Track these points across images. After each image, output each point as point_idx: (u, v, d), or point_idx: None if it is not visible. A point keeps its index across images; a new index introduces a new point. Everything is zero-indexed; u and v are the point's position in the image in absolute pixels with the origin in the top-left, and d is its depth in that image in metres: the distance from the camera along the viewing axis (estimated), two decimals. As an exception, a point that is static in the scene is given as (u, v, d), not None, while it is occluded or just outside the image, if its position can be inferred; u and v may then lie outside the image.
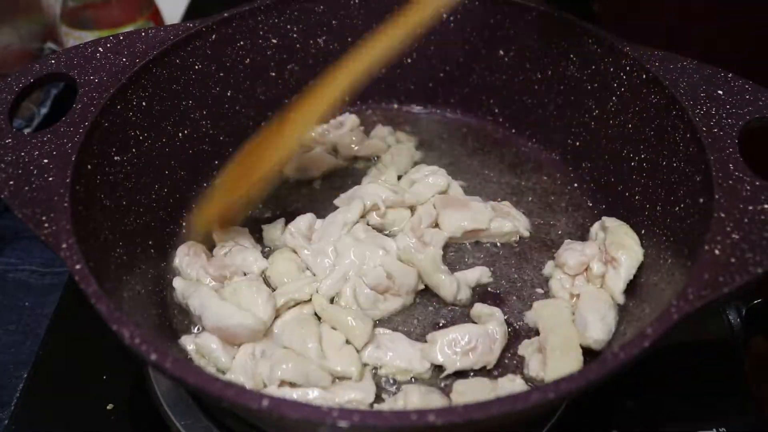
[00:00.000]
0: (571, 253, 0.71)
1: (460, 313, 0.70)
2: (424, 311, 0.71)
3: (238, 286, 0.67)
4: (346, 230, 0.73)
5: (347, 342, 0.66)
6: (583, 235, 0.77)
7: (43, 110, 1.02)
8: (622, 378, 0.51)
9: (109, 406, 0.70)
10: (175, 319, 0.70)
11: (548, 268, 0.74)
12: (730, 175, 0.60)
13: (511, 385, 0.63)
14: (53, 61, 0.72)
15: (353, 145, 0.86)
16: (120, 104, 0.71)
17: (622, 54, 0.74)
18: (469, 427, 0.47)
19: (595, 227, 0.76)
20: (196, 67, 0.79)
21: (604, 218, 0.75)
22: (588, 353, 0.65)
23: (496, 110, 0.90)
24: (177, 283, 0.71)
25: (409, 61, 0.90)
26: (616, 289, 0.68)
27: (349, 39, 0.88)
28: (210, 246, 0.75)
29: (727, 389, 0.72)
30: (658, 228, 0.69)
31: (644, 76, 0.72)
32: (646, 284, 0.68)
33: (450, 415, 0.46)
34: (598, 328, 0.65)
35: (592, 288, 0.69)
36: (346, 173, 0.85)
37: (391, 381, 0.65)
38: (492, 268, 0.74)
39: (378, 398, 0.63)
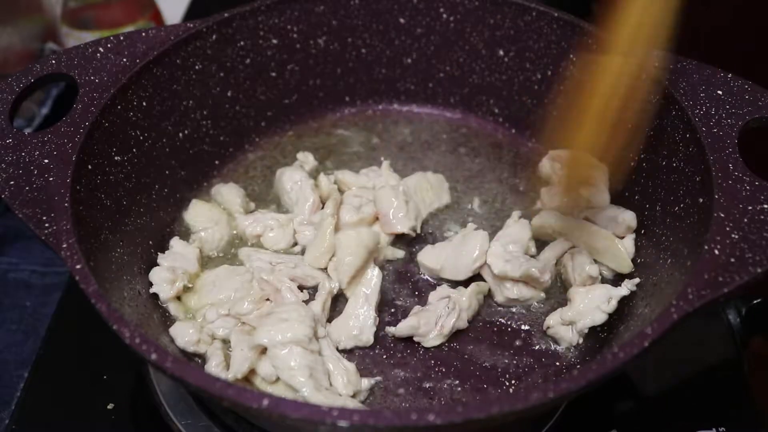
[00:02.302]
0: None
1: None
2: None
3: None
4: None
5: None
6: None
7: (44, 110, 1.02)
8: (622, 378, 0.51)
9: (110, 406, 0.70)
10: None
11: None
12: (729, 175, 0.60)
13: None
14: (54, 62, 0.72)
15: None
16: (120, 104, 0.71)
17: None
18: (468, 427, 0.47)
19: (545, 164, 0.82)
20: (197, 67, 0.79)
21: (551, 152, 0.82)
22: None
23: (496, 110, 0.90)
24: None
25: (409, 61, 0.90)
26: (602, 200, 0.75)
27: (349, 39, 0.88)
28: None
29: (727, 389, 0.72)
30: (658, 228, 0.69)
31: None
32: (646, 284, 0.68)
33: (450, 414, 0.46)
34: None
35: None
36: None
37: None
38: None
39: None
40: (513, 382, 0.66)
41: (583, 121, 0.64)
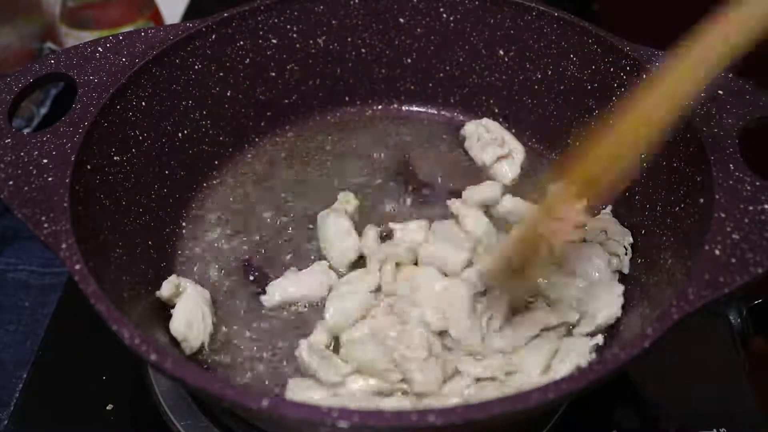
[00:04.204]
0: None
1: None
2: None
3: None
4: None
5: None
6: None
7: (43, 110, 1.02)
8: (623, 378, 0.51)
9: (109, 406, 0.70)
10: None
11: None
12: (730, 175, 0.60)
13: None
14: (53, 61, 0.72)
15: None
16: (120, 104, 0.71)
17: (622, 54, 0.74)
18: (469, 428, 0.47)
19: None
20: (196, 67, 0.79)
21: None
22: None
23: (496, 110, 0.90)
24: None
25: (409, 61, 0.90)
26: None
27: (349, 39, 0.88)
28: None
29: (727, 389, 0.72)
30: (658, 228, 0.69)
31: (644, 76, 0.72)
32: (646, 284, 0.68)
33: (450, 415, 0.46)
34: None
35: None
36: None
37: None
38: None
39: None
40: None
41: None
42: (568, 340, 0.65)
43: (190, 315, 0.66)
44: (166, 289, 0.68)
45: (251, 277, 0.74)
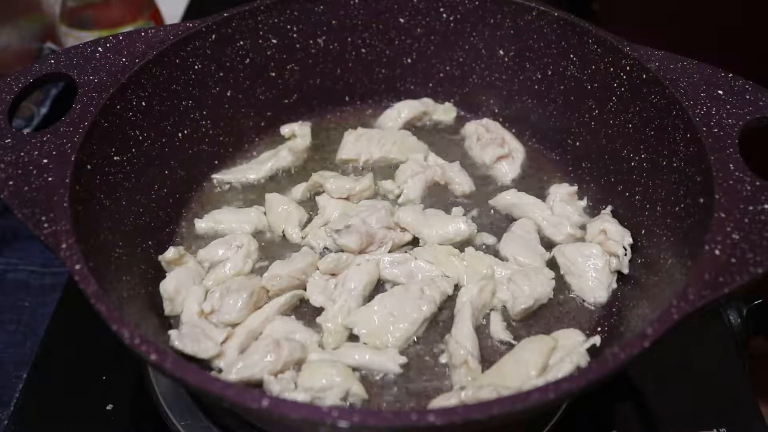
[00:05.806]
0: None
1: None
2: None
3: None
4: None
5: None
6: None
7: (43, 110, 1.02)
8: (623, 378, 0.51)
9: (109, 406, 0.70)
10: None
11: None
12: (730, 175, 0.60)
13: None
14: (53, 61, 0.72)
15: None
16: (119, 104, 0.71)
17: (622, 54, 0.74)
18: (469, 428, 0.47)
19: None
20: (196, 67, 0.79)
21: None
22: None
23: (496, 110, 0.90)
24: None
25: (409, 61, 0.90)
26: None
27: (349, 39, 0.88)
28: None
29: (727, 389, 0.72)
30: (658, 228, 0.69)
31: (644, 76, 0.72)
32: (646, 284, 0.68)
33: (450, 415, 0.46)
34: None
35: None
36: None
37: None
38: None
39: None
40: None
41: None
42: (565, 341, 0.65)
43: (181, 282, 0.70)
44: (171, 253, 0.71)
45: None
